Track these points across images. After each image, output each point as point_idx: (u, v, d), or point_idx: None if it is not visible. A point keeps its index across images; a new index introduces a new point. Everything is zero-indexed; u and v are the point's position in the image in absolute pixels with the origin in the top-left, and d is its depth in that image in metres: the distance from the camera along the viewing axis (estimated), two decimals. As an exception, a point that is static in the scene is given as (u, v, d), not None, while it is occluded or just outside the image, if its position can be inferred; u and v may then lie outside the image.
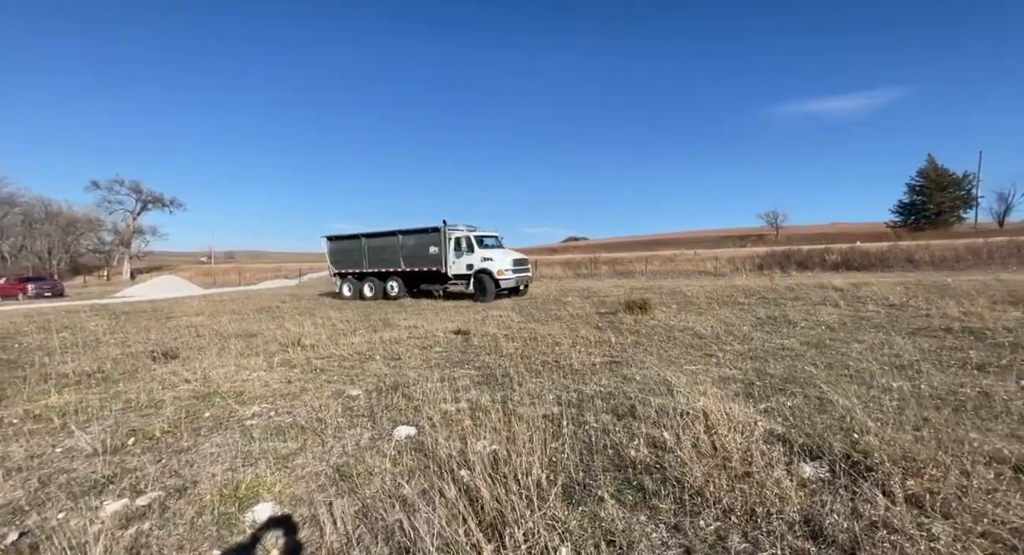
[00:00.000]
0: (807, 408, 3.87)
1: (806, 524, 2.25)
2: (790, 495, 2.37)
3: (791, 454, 2.94)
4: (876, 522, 2.21)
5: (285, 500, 2.75)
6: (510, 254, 15.66)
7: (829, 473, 2.72)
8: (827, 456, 2.88)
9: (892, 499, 2.32)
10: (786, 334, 7.23)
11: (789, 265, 26.69)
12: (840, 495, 2.45)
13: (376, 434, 3.72)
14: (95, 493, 2.88)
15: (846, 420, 3.44)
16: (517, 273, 15.42)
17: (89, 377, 5.99)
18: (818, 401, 4.02)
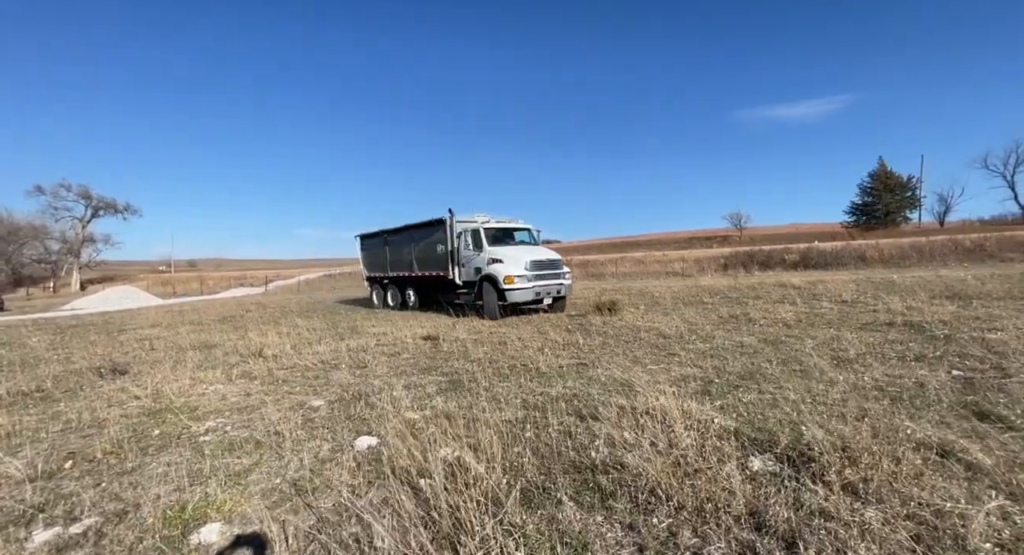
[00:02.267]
0: (760, 403, 4.01)
1: (751, 516, 2.33)
2: (738, 489, 2.45)
3: (742, 449, 3.05)
4: (815, 511, 2.32)
5: (235, 519, 2.64)
6: (530, 253, 10.96)
7: (777, 466, 2.83)
8: (775, 449, 3.00)
9: (830, 488, 2.44)
10: (746, 332, 7.50)
11: (752, 265, 27.76)
12: (785, 486, 2.56)
13: (336, 446, 3.64)
14: (23, 523, 2.69)
15: (794, 414, 3.59)
16: (539, 281, 10.59)
17: (25, 397, 5.60)
18: (771, 396, 4.18)
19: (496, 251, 11.08)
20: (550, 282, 10.87)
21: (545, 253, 11.28)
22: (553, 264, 11.06)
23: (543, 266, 10.84)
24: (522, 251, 11.07)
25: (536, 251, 11.28)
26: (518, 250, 11.15)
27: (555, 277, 11.02)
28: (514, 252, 10.98)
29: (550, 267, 10.98)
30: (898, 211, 63.80)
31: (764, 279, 18.74)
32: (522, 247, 11.55)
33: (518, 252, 10.97)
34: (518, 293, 10.29)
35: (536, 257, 10.80)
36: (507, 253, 10.95)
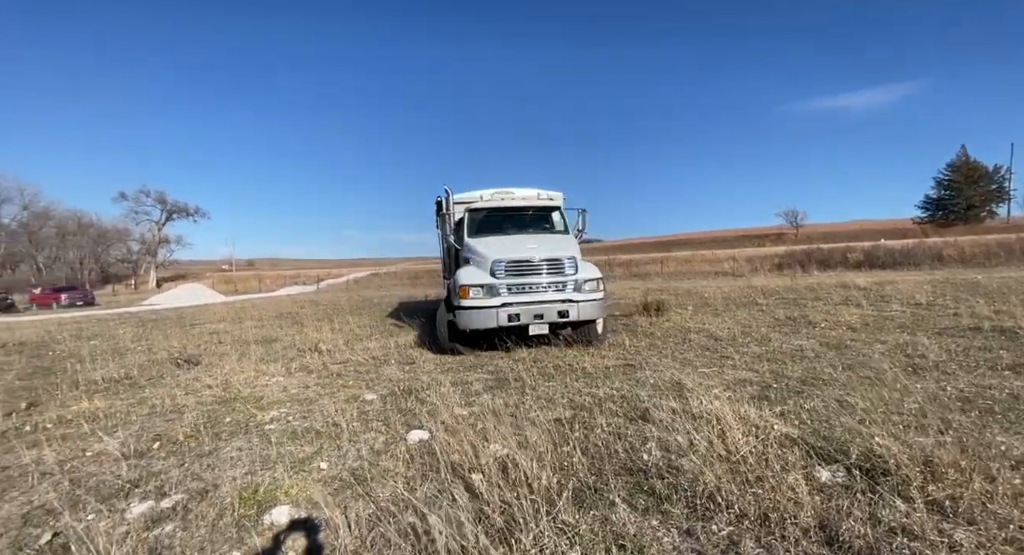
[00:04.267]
0: (825, 411, 3.78)
1: (821, 529, 2.20)
2: (805, 500, 2.32)
3: (807, 458, 2.88)
4: (895, 528, 2.15)
5: (302, 503, 2.81)
6: (516, 247, 6.88)
7: (846, 478, 2.66)
8: (844, 460, 2.82)
9: (912, 504, 2.26)
10: (805, 335, 7.07)
11: (809, 264, 26.11)
12: (857, 500, 2.39)
13: (390, 438, 3.78)
14: (122, 496, 3.00)
15: (865, 423, 3.35)
16: (518, 294, 6.49)
17: (117, 383, 6.22)
18: (837, 404, 3.93)
19: (474, 245, 7.11)
20: (542, 298, 6.37)
21: (548, 248, 6.74)
22: (554, 267, 6.48)
23: (527, 270, 6.41)
24: (511, 244, 6.92)
25: (535, 243, 6.90)
26: (506, 242, 7.03)
27: (554, 288, 6.42)
28: (497, 246, 6.87)
29: (543, 272, 6.45)
30: (982, 205, 57.74)
31: (824, 279, 17.56)
32: (520, 238, 7.27)
33: (502, 246, 6.86)
34: (471, 315, 6.19)
35: (518, 255, 6.47)
36: (485, 248, 6.85)
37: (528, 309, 6.33)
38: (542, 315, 6.33)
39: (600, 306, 6.61)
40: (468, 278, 6.52)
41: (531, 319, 6.31)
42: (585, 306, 6.45)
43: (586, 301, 6.48)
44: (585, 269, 6.73)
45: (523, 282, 6.49)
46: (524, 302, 6.40)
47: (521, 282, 6.49)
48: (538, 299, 6.45)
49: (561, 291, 6.52)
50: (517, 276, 6.49)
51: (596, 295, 6.61)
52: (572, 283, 6.55)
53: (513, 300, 6.38)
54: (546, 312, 6.34)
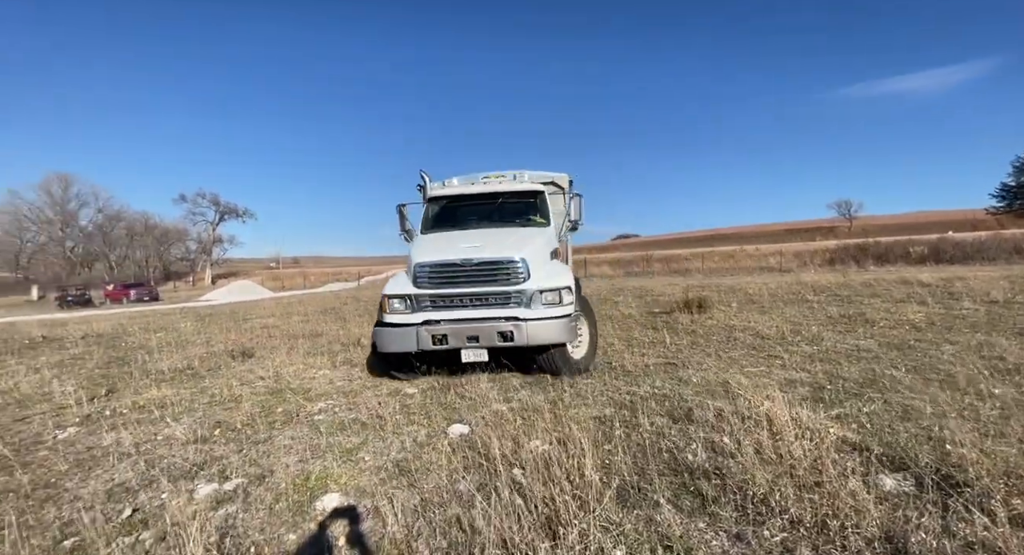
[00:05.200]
0: (888, 415, 3.55)
1: (887, 541, 2.07)
2: (868, 508, 2.19)
3: (868, 464, 2.71)
4: (972, 543, 1.99)
5: (351, 491, 2.93)
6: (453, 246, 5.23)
7: (915, 487, 2.48)
8: (912, 468, 2.63)
9: (993, 518, 2.08)
10: (862, 334, 6.65)
11: (865, 259, 24.48)
12: (928, 511, 2.23)
13: (432, 431, 3.86)
14: (190, 477, 3.23)
15: (935, 430, 3.12)
16: (447, 309, 4.91)
17: (181, 373, 6.69)
18: (901, 408, 3.68)
19: (421, 243, 5.66)
20: (478, 314, 4.81)
21: (494, 245, 5.08)
22: (495, 271, 4.84)
23: (459, 276, 4.89)
24: (452, 241, 5.39)
25: (481, 240, 5.26)
26: (451, 239, 5.50)
27: (495, 301, 4.85)
28: (433, 244, 5.45)
29: (481, 279, 4.86)
30: (1068, 192, 52.17)
31: (882, 275, 16.42)
32: (469, 234, 5.66)
33: (438, 244, 5.41)
34: (388, 335, 4.91)
35: (447, 256, 4.97)
36: (420, 247, 5.44)
37: (458, 329, 4.71)
38: (477, 337, 4.67)
39: (563, 326, 4.71)
40: (392, 287, 5.13)
41: (463, 342, 4.68)
42: (538, 326, 4.62)
43: (540, 320, 4.67)
44: (545, 274, 4.98)
45: (454, 293, 4.88)
46: (454, 319, 4.80)
47: (451, 293, 4.88)
48: (473, 316, 4.80)
49: (504, 305, 4.80)
50: (445, 284, 4.88)
51: (555, 310, 4.76)
52: (520, 294, 4.79)
53: (439, 316, 4.84)
54: (483, 333, 4.65)
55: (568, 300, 4.93)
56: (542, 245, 5.49)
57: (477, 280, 4.88)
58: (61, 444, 4.03)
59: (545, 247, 5.54)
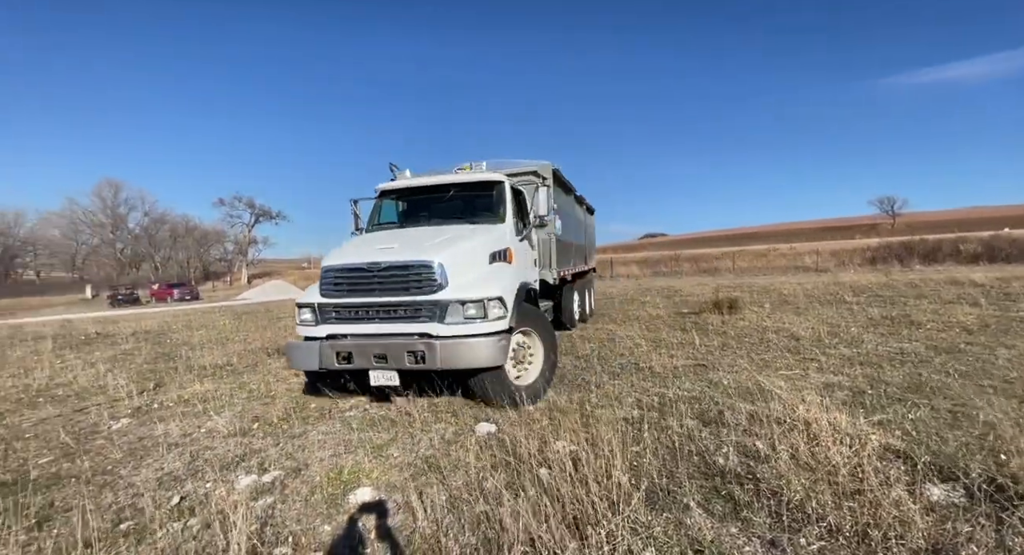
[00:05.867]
0: (935, 422, 3.37)
1: (935, 554, 1.97)
2: (914, 519, 2.09)
3: (914, 473, 2.59)
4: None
5: (382, 486, 3.01)
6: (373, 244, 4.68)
7: (965, 498, 2.36)
8: (963, 478, 2.50)
9: (1053, 534, 1.96)
10: (907, 337, 6.33)
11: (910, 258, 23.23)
12: (980, 524, 2.11)
13: (459, 429, 3.92)
14: (231, 468, 3.39)
15: (989, 438, 2.95)
16: (351, 322, 4.29)
17: (221, 369, 7.01)
18: (950, 415, 3.49)
19: (344, 244, 5.13)
20: (387, 329, 4.21)
21: (412, 246, 4.42)
22: (404, 278, 4.16)
23: (365, 283, 4.26)
24: (372, 242, 4.82)
25: (399, 242, 4.63)
26: (376, 239, 4.91)
27: (405, 314, 4.18)
28: (354, 246, 4.94)
29: (389, 287, 4.20)
30: None
31: (929, 275, 15.56)
32: (400, 234, 5.15)
33: (357, 245, 4.91)
34: (294, 349, 4.49)
35: (354, 259, 4.38)
36: (347, 248, 4.90)
37: (364, 346, 4.08)
38: (385, 356, 4.00)
39: (488, 346, 3.91)
40: (305, 294, 4.65)
41: (369, 362, 4.05)
42: (454, 346, 3.89)
43: (457, 338, 3.94)
44: (469, 281, 4.18)
45: (359, 303, 4.23)
46: (360, 334, 4.22)
47: (357, 303, 4.24)
48: (381, 331, 4.17)
49: (415, 318, 4.10)
50: (351, 292, 4.27)
51: (478, 326, 3.97)
52: (433, 306, 4.04)
53: (345, 330, 4.28)
54: (391, 352, 3.98)
55: (497, 313, 4.07)
56: (478, 246, 4.66)
57: (386, 288, 4.16)
58: (115, 434, 4.31)
59: (483, 248, 4.69)
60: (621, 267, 31.63)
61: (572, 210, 8.74)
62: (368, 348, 4.08)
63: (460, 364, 3.94)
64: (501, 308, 4.11)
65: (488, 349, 3.94)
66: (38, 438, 4.30)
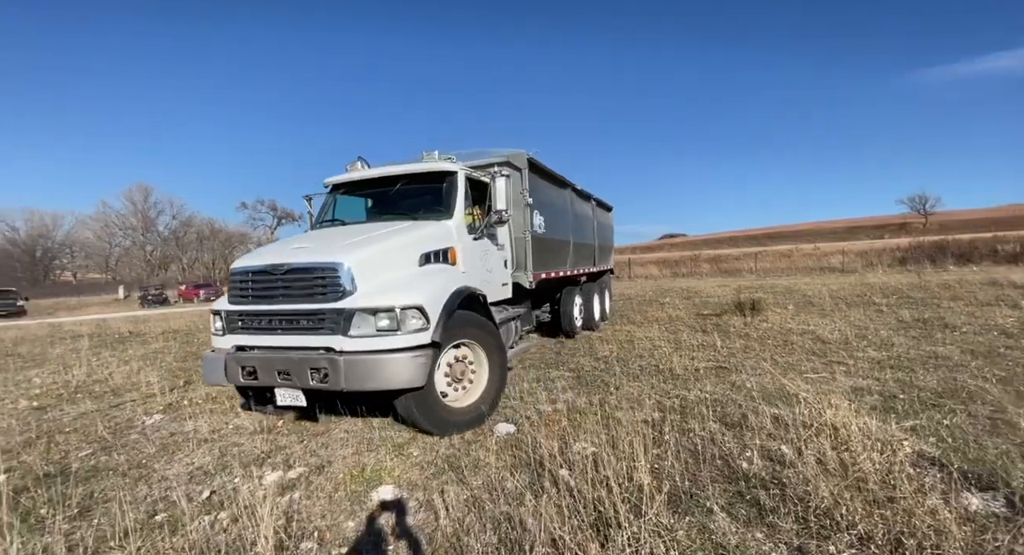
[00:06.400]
0: (973, 429, 3.25)
1: (973, 565, 1.90)
2: (950, 528, 2.02)
3: (950, 481, 2.49)
4: (1077, 573, 1.79)
5: (403, 484, 3.05)
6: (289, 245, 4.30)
7: (1005, 508, 2.26)
8: (1003, 488, 2.40)
9: (1102, 548, 1.86)
10: (941, 340, 6.10)
11: (943, 258, 22.35)
12: (1022, 535, 2.03)
13: (478, 429, 3.94)
14: (258, 464, 3.49)
15: (1031, 446, 2.82)
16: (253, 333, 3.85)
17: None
18: (989, 421, 3.35)
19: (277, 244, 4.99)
20: (290, 342, 3.71)
21: (324, 247, 3.99)
22: (307, 283, 3.65)
23: (268, 288, 3.80)
24: (296, 242, 4.41)
25: (315, 242, 4.24)
26: (302, 240, 4.48)
27: (308, 324, 3.65)
28: (278, 246, 4.69)
29: (291, 293, 3.71)
30: None
31: (964, 276, 14.96)
32: (328, 233, 4.71)
33: (284, 245, 4.48)
34: (204, 362, 4.10)
35: (258, 261, 3.96)
36: (264, 248, 4.64)
37: (268, 360, 3.62)
38: (289, 373, 3.53)
39: (402, 364, 3.37)
40: (219, 300, 4.23)
41: (274, 378, 3.58)
42: (360, 364, 3.35)
43: (362, 353, 3.39)
44: (382, 286, 3.63)
45: (264, 311, 3.78)
46: (265, 347, 3.77)
47: (261, 310, 3.79)
48: (285, 343, 3.69)
49: (318, 330, 3.57)
50: (254, 299, 3.82)
51: (390, 340, 3.41)
52: (336, 315, 3.49)
53: (251, 342, 3.83)
54: (293, 368, 3.50)
55: (416, 324, 3.48)
56: (405, 245, 4.10)
57: (290, 294, 3.68)
58: (149, 429, 4.47)
59: (412, 247, 4.10)
60: (639, 268, 31.28)
61: (566, 205, 7.70)
62: (272, 363, 3.59)
63: (368, 385, 3.35)
64: (421, 318, 3.52)
65: (402, 367, 3.36)
66: (78, 432, 4.50)
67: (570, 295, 7.73)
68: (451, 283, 3.99)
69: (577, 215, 8.29)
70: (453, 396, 4.00)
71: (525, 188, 5.69)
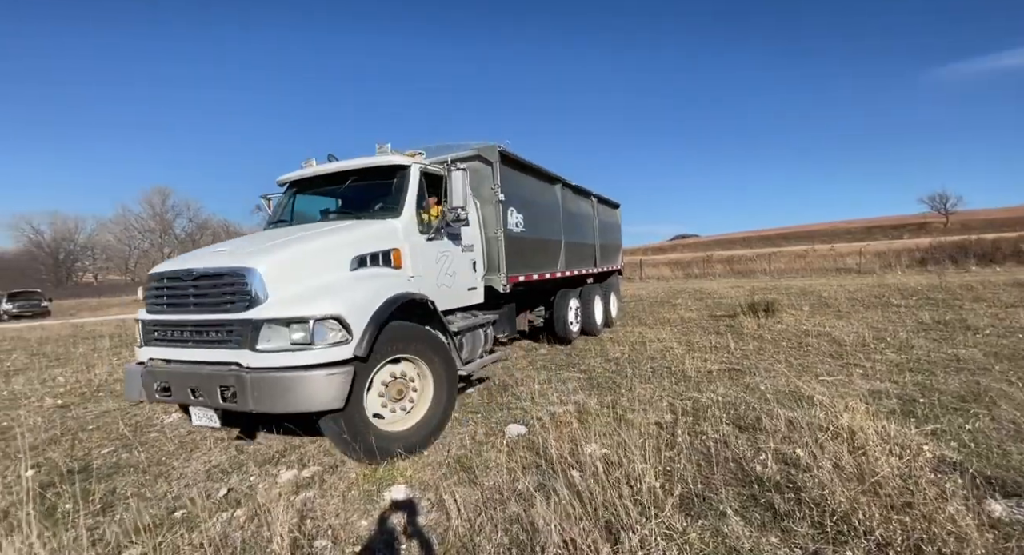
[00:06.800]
0: (997, 434, 3.16)
1: (996, 573, 1.85)
2: (972, 535, 1.97)
3: (972, 487, 2.44)
4: (1107, 583, 1.74)
5: (416, 484, 3.08)
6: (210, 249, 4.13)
7: (1031, 515, 2.20)
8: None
9: None
10: (963, 342, 5.95)
11: (966, 258, 21.76)
12: (1048, 544, 1.97)
13: (490, 430, 3.95)
14: (273, 463, 3.55)
15: (1057, 452, 2.74)
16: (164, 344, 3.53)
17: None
18: (1013, 426, 3.26)
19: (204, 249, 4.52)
20: (199, 356, 3.36)
21: (241, 250, 3.70)
22: (214, 290, 3.32)
23: (179, 297, 3.50)
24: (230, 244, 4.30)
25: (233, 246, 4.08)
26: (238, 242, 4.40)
27: (216, 336, 3.28)
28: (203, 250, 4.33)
29: (201, 302, 3.38)
30: None
31: (987, 277, 14.57)
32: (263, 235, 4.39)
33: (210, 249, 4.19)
34: (126, 379, 3.75)
35: (171, 266, 3.67)
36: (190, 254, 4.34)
37: (180, 375, 3.30)
38: (199, 390, 3.19)
39: (319, 383, 2.97)
40: (141, 310, 3.82)
41: (187, 395, 3.25)
42: (267, 382, 2.97)
43: (271, 371, 3.00)
44: (297, 294, 3.24)
45: (176, 320, 3.45)
46: (178, 361, 3.43)
47: (173, 320, 3.47)
48: (196, 357, 3.35)
49: (226, 343, 3.20)
50: (170, 307, 3.52)
51: (303, 356, 3.02)
52: (244, 327, 3.12)
53: (164, 354, 3.50)
54: (204, 385, 3.16)
55: (334, 337, 3.06)
56: (334, 247, 3.68)
57: (201, 303, 3.35)
58: (167, 428, 4.57)
59: (343, 250, 3.67)
60: (651, 269, 31.02)
61: (554, 201, 7.21)
62: (184, 379, 3.26)
63: (277, 406, 2.97)
64: (340, 330, 3.08)
65: (315, 386, 2.96)
66: (100, 430, 4.62)
67: (564, 298, 7.30)
68: (387, 289, 3.54)
69: (571, 213, 7.81)
70: (391, 418, 3.53)
71: (497, 183, 5.23)
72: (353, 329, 3.13)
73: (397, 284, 3.79)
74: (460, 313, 4.83)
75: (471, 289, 5.02)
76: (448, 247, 4.62)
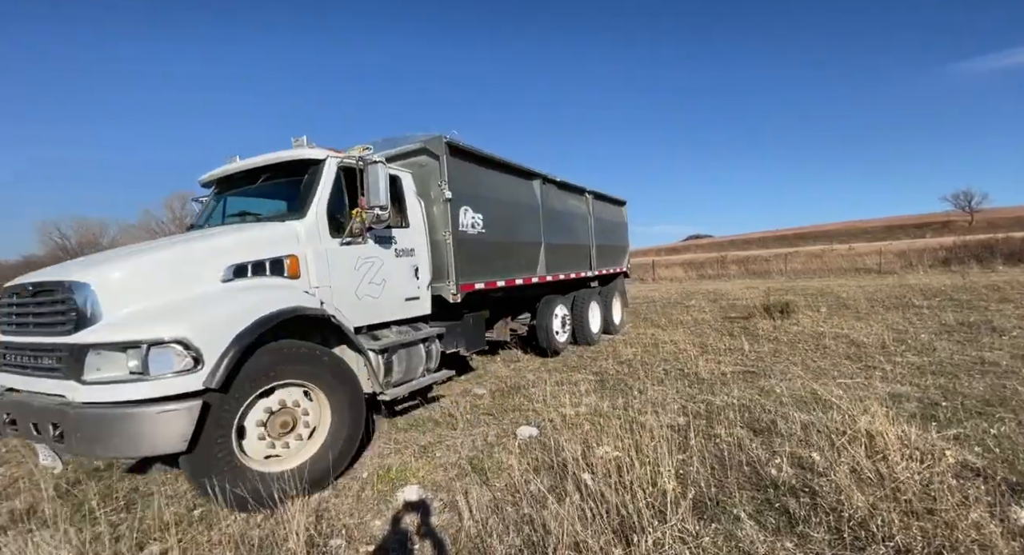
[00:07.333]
0: (1023, 439, 3.06)
1: (1022, 582, 1.80)
2: (996, 543, 1.92)
3: (996, 493, 2.37)
4: None
5: (428, 485, 3.10)
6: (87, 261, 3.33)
7: (1059, 523, 2.13)
8: (1055, 501, 2.26)
9: None
10: (988, 345, 5.78)
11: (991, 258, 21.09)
12: (1077, 553, 1.91)
13: (501, 432, 3.97)
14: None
15: (1087, 458, 2.64)
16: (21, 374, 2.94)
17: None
18: (1040, 431, 3.16)
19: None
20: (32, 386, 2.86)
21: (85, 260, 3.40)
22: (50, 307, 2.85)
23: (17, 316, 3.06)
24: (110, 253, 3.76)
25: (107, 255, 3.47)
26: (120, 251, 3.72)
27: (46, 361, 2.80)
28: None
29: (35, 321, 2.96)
30: None
31: (1016, 277, 14.11)
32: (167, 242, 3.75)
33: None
34: None
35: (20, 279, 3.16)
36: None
37: (21, 408, 2.81)
38: (39, 426, 2.68)
39: (155, 422, 2.48)
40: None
41: (29, 431, 2.74)
42: (90, 420, 2.51)
43: (95, 407, 2.53)
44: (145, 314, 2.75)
45: (17, 343, 3.02)
46: (24, 391, 2.93)
47: (15, 343, 3.04)
48: (32, 388, 2.87)
49: (54, 371, 2.75)
50: (14, 329, 3.09)
51: (136, 389, 2.50)
52: (68, 353, 2.67)
53: (15, 383, 3.00)
54: (40, 420, 2.68)
55: (180, 363, 2.53)
56: (203, 256, 3.18)
57: (38, 322, 2.93)
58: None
59: (214, 259, 3.16)
60: (664, 270, 30.73)
61: (530, 199, 6.53)
62: (23, 412, 2.76)
63: (98, 450, 2.52)
64: (185, 356, 2.54)
65: (146, 427, 2.46)
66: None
67: (549, 306, 6.65)
68: (268, 304, 2.99)
69: (555, 211, 7.05)
70: (266, 454, 2.97)
71: (444, 180, 4.70)
72: (204, 354, 2.57)
73: (287, 296, 3.23)
74: (396, 327, 4.36)
75: (410, 299, 4.49)
76: (374, 252, 4.08)
